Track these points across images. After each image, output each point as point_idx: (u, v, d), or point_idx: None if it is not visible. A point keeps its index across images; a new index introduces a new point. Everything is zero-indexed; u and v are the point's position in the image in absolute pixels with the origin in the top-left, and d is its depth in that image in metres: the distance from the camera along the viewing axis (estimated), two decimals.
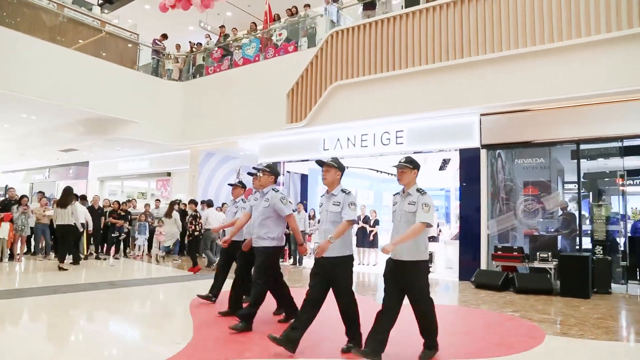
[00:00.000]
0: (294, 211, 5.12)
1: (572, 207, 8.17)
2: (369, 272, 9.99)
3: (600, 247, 7.57)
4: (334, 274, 3.69)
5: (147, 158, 14.64)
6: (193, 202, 10.46)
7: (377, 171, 14.17)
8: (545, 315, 5.53)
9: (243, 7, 14.52)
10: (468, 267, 8.47)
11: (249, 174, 5.45)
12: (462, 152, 8.91)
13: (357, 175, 14.68)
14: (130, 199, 12.19)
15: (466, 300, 6.55)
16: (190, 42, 13.62)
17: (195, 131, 12.46)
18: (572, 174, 8.10)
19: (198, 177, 12.99)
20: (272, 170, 4.73)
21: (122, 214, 11.16)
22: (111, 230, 10.92)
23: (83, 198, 10.94)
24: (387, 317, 3.49)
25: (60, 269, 8.30)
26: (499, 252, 7.79)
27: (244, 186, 6.05)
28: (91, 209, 10.64)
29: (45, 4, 10.84)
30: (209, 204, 10.61)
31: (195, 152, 13.16)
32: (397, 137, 9.72)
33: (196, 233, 9.32)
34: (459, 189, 9.04)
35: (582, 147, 7.93)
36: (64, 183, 16.49)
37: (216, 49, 12.54)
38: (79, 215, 9.28)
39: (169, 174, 14.09)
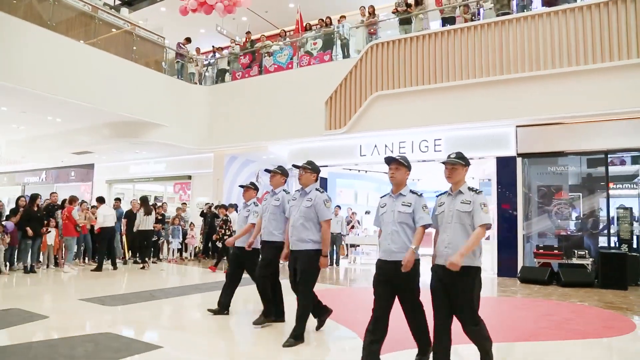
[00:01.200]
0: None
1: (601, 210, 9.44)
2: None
3: (626, 245, 8.87)
4: (407, 280, 3.53)
5: (164, 161, 14.86)
6: (223, 206, 11.07)
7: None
8: (610, 303, 6.63)
9: (260, 13, 15.05)
10: (506, 265, 9.59)
11: (267, 170, 5.22)
12: (499, 160, 10.00)
13: (370, 179, 15.60)
14: (162, 202, 12.45)
15: (530, 293, 7.56)
16: (213, 46, 14.00)
17: (221, 135, 12.89)
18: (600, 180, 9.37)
19: (223, 181, 13.40)
20: (314, 168, 4.51)
21: (159, 217, 11.45)
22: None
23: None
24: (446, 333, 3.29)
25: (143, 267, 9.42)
26: (541, 250, 8.92)
27: (256, 188, 5.79)
28: (129, 213, 10.89)
29: (82, 5, 10.97)
30: (235, 208, 11.35)
31: (220, 156, 13.57)
32: (435, 145, 10.68)
33: (226, 237, 9.91)
34: (496, 193, 10.06)
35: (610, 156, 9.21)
36: (64, 186, 16.37)
37: (243, 54, 13.02)
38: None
39: (189, 177, 14.38)
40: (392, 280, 3.49)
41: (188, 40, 13.36)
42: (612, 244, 9.09)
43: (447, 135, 10.56)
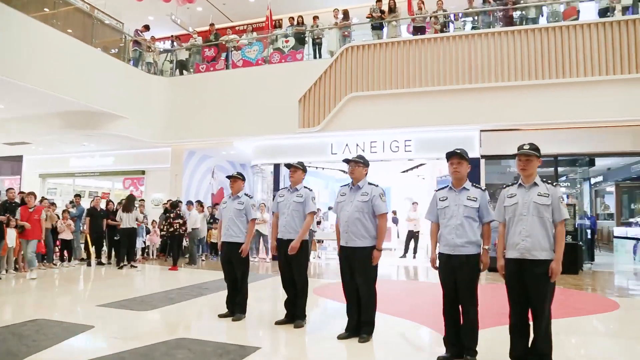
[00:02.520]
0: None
1: None
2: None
3: (570, 237, 10.40)
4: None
5: (112, 154, 14.08)
6: (190, 202, 11.06)
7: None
8: (577, 285, 7.88)
9: (218, 5, 14.88)
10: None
11: (288, 165, 5.26)
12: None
13: (319, 175, 16.13)
14: (122, 199, 11.87)
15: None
16: (173, 35, 13.60)
17: (182, 129, 12.63)
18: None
19: (182, 176, 13.12)
20: (365, 162, 4.63)
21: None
22: (111, 234, 10.69)
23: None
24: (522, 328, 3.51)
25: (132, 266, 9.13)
26: None
27: (244, 178, 5.66)
28: (93, 211, 10.35)
29: None
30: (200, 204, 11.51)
31: (178, 150, 13.26)
32: (405, 146, 11.54)
33: (177, 233, 10.07)
34: None
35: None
36: None
37: (208, 47, 12.86)
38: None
39: (143, 172, 13.79)
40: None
41: (146, 27, 12.90)
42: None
43: (417, 137, 11.47)
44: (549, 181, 3.63)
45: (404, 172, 15.99)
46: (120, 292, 6.81)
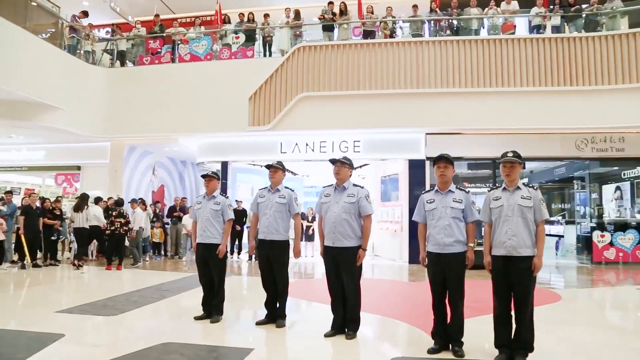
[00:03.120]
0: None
1: None
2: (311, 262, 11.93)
3: None
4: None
5: (43, 148, 13.10)
6: (133, 200, 10.71)
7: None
8: None
9: None
10: (415, 253, 11.27)
11: (268, 166, 5.22)
12: (411, 162, 11.66)
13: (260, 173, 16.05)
14: (59, 197, 11.14)
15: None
16: (114, 24, 12.91)
17: (124, 123, 12.08)
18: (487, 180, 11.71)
19: (122, 173, 12.55)
20: (351, 163, 4.82)
21: (57, 213, 10.33)
22: (48, 233, 10.03)
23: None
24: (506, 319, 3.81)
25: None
26: None
27: (219, 177, 5.65)
28: (28, 209, 9.65)
29: None
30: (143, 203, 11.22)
31: (119, 145, 12.65)
32: (354, 146, 11.88)
33: (117, 232, 9.78)
34: (408, 190, 11.67)
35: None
36: None
37: (153, 39, 12.39)
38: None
39: (78, 168, 12.97)
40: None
41: (85, 13, 12.15)
42: None
43: (366, 138, 11.85)
44: (530, 185, 4.01)
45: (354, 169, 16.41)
46: (76, 296, 6.50)
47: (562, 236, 12.96)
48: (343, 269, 4.56)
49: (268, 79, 11.53)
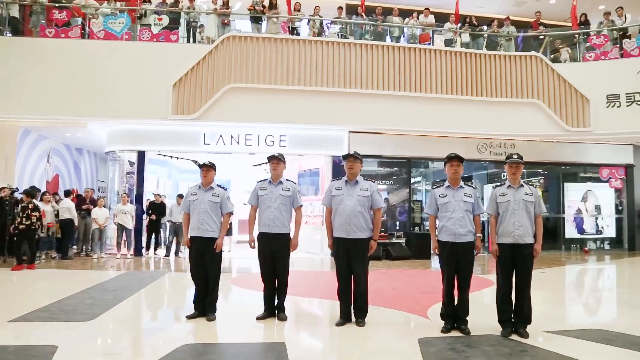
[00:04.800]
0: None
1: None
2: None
3: (418, 227, 12.46)
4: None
5: None
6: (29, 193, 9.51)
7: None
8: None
9: None
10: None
11: (272, 158, 5.19)
12: (335, 158, 12.17)
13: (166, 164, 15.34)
14: None
15: (379, 267, 9.94)
16: None
17: (18, 102, 10.63)
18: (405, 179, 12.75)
19: (15, 159, 11.04)
20: (361, 158, 5.03)
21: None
22: None
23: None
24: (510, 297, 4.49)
25: None
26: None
27: (215, 168, 5.37)
28: None
29: None
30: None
31: (11, 128, 11.09)
32: (280, 141, 12.03)
33: (33, 227, 8.93)
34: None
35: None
36: None
37: (59, 9, 11.08)
38: None
39: None
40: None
41: None
42: (410, 227, 12.56)
43: (292, 133, 12.09)
44: (531, 183, 4.77)
45: (255, 165, 16.40)
46: (14, 302, 5.75)
47: None
48: (356, 259, 4.85)
49: (195, 66, 11.12)
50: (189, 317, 5.00)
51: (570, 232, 13.36)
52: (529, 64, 12.09)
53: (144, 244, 11.55)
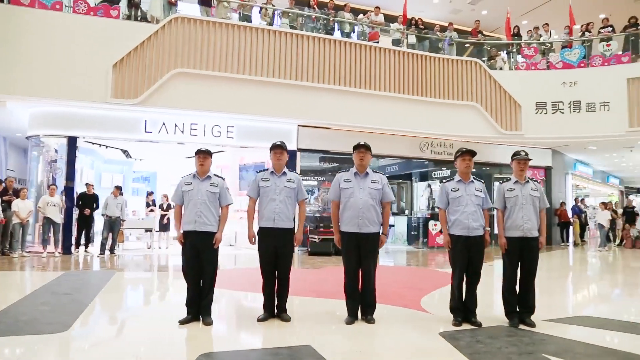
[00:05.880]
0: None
1: None
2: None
3: None
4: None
5: None
6: None
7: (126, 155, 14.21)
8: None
9: None
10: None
11: (277, 147, 4.89)
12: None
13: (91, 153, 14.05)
14: None
15: (336, 263, 9.95)
16: None
17: None
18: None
19: None
20: (371, 149, 4.97)
21: None
22: None
23: None
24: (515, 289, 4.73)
25: None
26: (322, 228, 11.48)
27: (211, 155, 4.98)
28: None
29: None
30: None
31: None
32: (228, 132, 11.55)
33: None
34: None
35: None
36: None
37: None
38: None
39: None
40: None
41: None
42: None
43: (240, 124, 11.67)
44: (535, 179, 5.02)
45: (190, 158, 15.57)
46: None
47: (393, 225, 15.07)
48: (367, 255, 4.74)
49: (138, 46, 10.29)
50: (182, 322, 4.50)
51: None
52: (469, 68, 12.84)
53: (73, 241, 10.42)
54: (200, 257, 4.66)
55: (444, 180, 5.14)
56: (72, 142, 10.53)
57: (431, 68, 12.61)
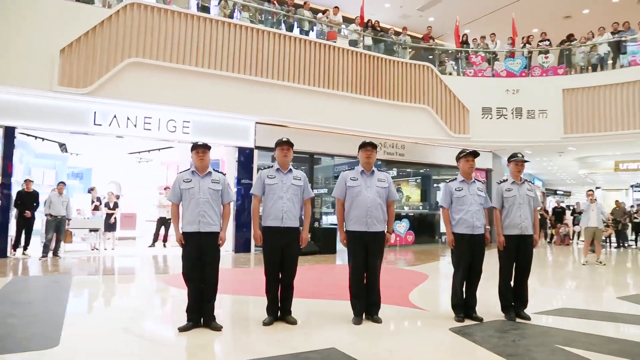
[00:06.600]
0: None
1: None
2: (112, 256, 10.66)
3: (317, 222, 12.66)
4: None
5: None
6: None
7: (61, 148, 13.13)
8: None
9: None
10: (240, 242, 11.40)
11: (283, 143, 4.89)
12: (240, 149, 11.67)
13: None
14: None
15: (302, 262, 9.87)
16: None
17: None
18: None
19: None
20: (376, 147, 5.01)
21: None
22: None
23: None
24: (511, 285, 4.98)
25: None
26: None
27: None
28: None
29: None
30: None
31: None
32: (183, 127, 11.06)
33: None
34: (237, 177, 11.56)
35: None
36: None
37: None
38: None
39: None
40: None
41: None
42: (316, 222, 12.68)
43: (196, 119, 11.24)
44: (528, 180, 5.26)
45: (132, 153, 14.74)
46: None
47: None
48: (375, 254, 4.78)
49: (89, 31, 9.56)
50: (182, 330, 4.26)
51: (444, 227, 15.05)
52: (421, 72, 13.32)
53: (9, 243, 9.43)
54: (201, 259, 4.41)
55: (447, 180, 5.27)
56: (9, 133, 9.53)
57: (386, 70, 12.92)
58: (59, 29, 9.25)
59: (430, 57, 13.87)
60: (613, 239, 15.15)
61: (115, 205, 11.48)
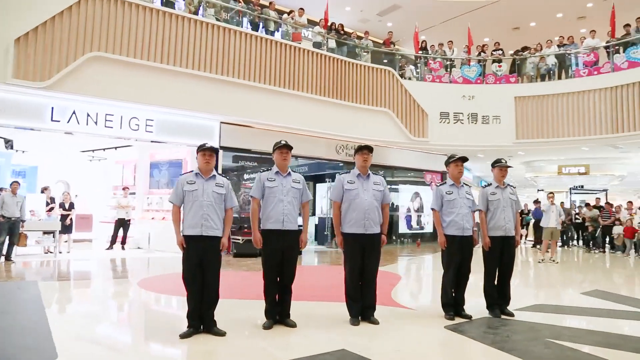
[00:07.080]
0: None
1: None
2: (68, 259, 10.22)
3: None
4: None
5: None
6: None
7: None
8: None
9: None
10: None
11: (283, 147, 4.79)
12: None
13: None
14: None
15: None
16: None
17: None
18: None
19: None
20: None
21: None
22: None
23: None
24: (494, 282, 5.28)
25: None
26: (246, 229, 11.21)
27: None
28: None
29: None
30: None
31: None
32: (147, 125, 10.73)
33: None
34: None
35: None
36: None
37: None
38: None
39: None
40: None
41: None
42: None
43: (160, 118, 10.96)
44: (511, 184, 5.57)
45: (85, 152, 14.01)
46: None
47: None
48: (372, 256, 4.90)
49: (48, 21, 9.04)
50: (183, 336, 4.16)
51: (403, 228, 15.50)
52: (383, 76, 13.64)
53: None
54: (202, 264, 4.34)
55: (438, 184, 5.48)
56: None
57: (349, 73, 13.12)
58: (14, 16, 8.69)
59: (385, 61, 14.19)
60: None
61: (71, 206, 10.88)
